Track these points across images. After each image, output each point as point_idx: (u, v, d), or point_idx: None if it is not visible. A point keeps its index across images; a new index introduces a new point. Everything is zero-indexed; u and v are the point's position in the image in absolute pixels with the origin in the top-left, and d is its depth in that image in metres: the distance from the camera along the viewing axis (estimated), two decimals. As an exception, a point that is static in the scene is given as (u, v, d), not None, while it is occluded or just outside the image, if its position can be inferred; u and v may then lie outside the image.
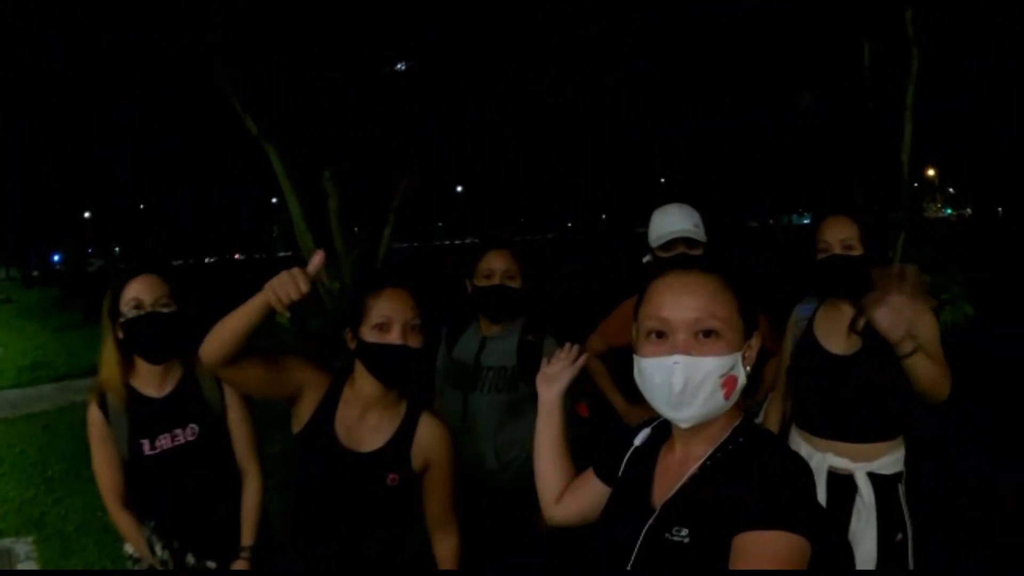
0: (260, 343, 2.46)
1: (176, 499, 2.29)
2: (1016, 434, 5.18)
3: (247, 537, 2.37)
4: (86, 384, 9.11)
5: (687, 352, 1.25)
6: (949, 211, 68.81)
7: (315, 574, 2.02)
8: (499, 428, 2.67)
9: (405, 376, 2.00)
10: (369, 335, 1.93)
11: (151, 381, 2.31)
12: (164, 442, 2.27)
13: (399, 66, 8.97)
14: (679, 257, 2.70)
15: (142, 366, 2.29)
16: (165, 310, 2.24)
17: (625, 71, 10.92)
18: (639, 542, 1.27)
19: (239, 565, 2.33)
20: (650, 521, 1.28)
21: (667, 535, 1.24)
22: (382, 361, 1.94)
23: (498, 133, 11.82)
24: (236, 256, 63.65)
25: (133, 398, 2.28)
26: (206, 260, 60.99)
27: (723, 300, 1.28)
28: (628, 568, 1.26)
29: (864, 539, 2.34)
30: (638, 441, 1.48)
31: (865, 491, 2.36)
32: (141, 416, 2.27)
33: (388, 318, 1.92)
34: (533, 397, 2.68)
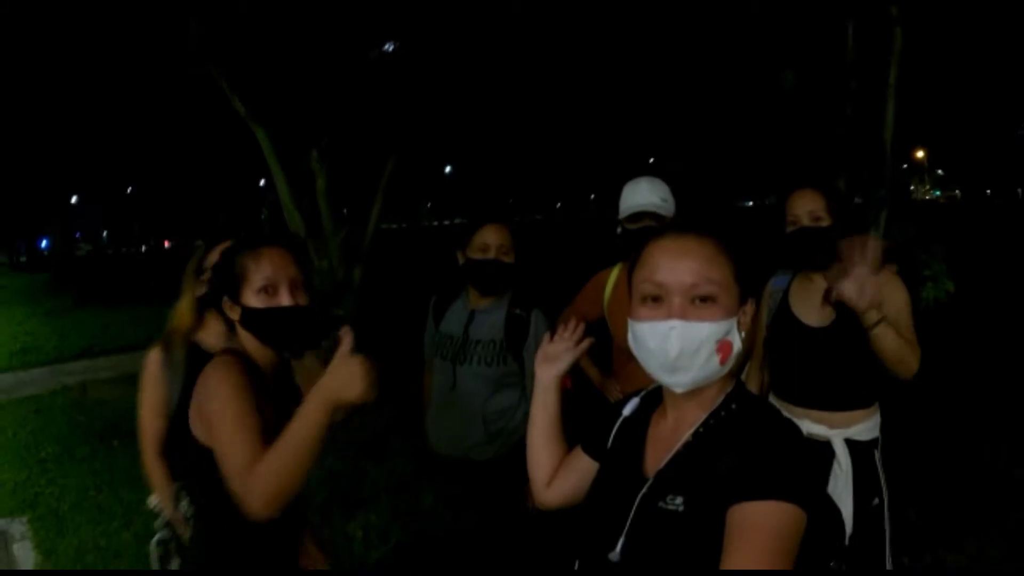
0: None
1: None
2: (992, 407, 5.28)
3: None
4: (77, 367, 9.15)
5: (683, 317, 1.23)
6: (938, 192, 69.05)
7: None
8: (488, 399, 2.72)
9: (305, 339, 1.85)
10: (255, 300, 1.76)
11: (217, 339, 2.33)
12: None
13: (388, 47, 8.94)
14: (645, 229, 2.75)
15: (211, 322, 2.34)
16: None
17: (623, 55, 10.95)
18: (633, 511, 1.26)
19: None
20: (644, 490, 1.27)
21: (661, 503, 1.23)
22: (277, 327, 1.79)
23: (493, 114, 11.81)
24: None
25: (194, 352, 2.33)
26: (196, 243, 60.58)
27: (719, 264, 1.27)
28: (622, 538, 1.25)
29: (841, 503, 2.40)
30: (627, 411, 1.46)
31: (842, 456, 2.42)
32: (200, 369, 2.33)
33: (272, 279, 1.76)
34: (521, 370, 2.75)
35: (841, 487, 2.42)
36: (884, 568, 2.49)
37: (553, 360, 1.63)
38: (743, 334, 1.29)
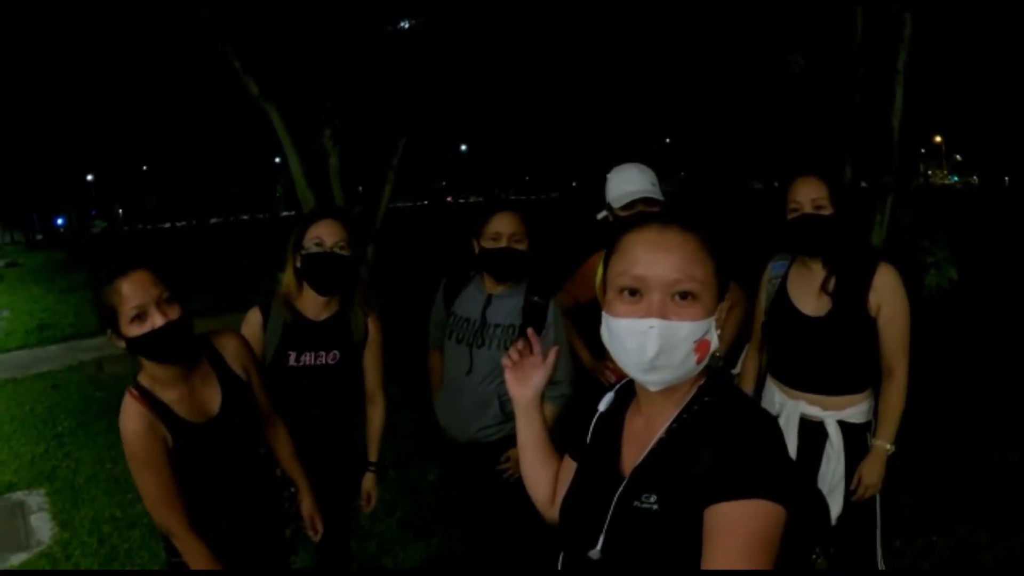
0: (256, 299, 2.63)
1: (304, 408, 2.54)
2: (989, 396, 5.30)
3: (373, 454, 2.76)
4: (93, 344, 9.24)
5: (663, 315, 1.17)
6: (955, 178, 68.39)
7: None
8: (503, 382, 2.76)
9: (188, 349, 2.00)
10: (133, 329, 1.87)
11: (313, 307, 2.56)
12: (308, 359, 2.53)
13: (403, 23, 8.93)
14: (639, 215, 2.78)
15: (308, 292, 2.54)
16: (342, 252, 2.47)
17: (634, 36, 10.89)
18: (611, 510, 1.23)
19: (367, 480, 2.74)
20: (620, 488, 1.23)
21: (636, 503, 1.19)
22: (161, 346, 1.91)
23: (508, 94, 11.77)
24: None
25: (294, 317, 2.54)
26: (211, 221, 60.78)
27: (701, 260, 1.20)
28: (602, 536, 1.22)
29: (836, 484, 2.49)
30: (602, 407, 1.43)
31: (835, 437, 2.49)
32: (298, 332, 2.53)
33: (140, 305, 1.86)
34: None
35: (834, 467, 2.50)
36: (873, 548, 2.57)
37: (526, 380, 1.58)
38: (718, 331, 1.24)
